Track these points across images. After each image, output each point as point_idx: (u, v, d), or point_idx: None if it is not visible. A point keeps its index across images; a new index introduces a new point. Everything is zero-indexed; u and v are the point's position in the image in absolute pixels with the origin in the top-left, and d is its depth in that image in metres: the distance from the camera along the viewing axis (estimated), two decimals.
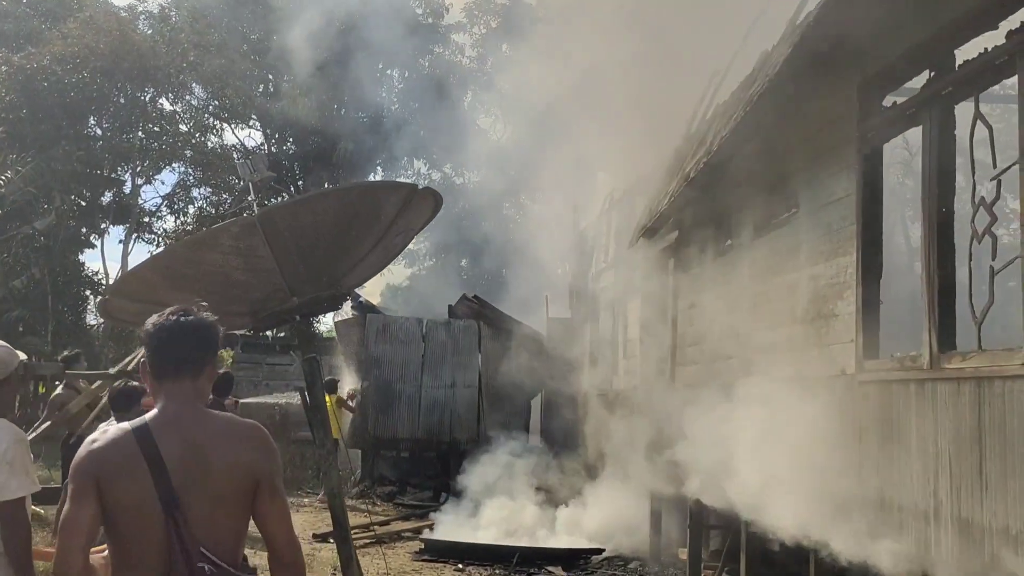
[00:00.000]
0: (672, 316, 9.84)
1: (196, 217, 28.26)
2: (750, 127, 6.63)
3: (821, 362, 6.00)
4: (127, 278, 5.18)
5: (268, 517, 2.64)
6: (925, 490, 4.76)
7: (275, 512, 2.65)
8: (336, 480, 5.50)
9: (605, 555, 10.53)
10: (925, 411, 4.77)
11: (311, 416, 5.33)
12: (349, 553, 5.46)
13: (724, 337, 7.95)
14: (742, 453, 7.22)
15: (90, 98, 24.23)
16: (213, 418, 2.71)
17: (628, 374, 12.11)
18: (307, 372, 5.35)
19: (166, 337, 2.68)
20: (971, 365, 4.40)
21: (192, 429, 2.61)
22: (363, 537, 11.16)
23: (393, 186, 5.15)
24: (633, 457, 10.90)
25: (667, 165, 9.82)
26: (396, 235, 5.41)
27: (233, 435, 2.66)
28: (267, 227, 4.65)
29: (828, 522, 5.77)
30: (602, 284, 14.57)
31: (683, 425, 8.77)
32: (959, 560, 4.48)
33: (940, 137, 4.83)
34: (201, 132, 28.47)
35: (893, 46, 5.25)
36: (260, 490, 2.62)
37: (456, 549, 10.54)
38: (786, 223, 6.85)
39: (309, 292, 5.13)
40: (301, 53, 25.17)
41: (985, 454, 4.26)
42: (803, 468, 6.05)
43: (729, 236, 8.15)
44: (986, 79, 4.52)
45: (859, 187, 5.61)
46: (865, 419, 5.40)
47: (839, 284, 5.83)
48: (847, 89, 5.73)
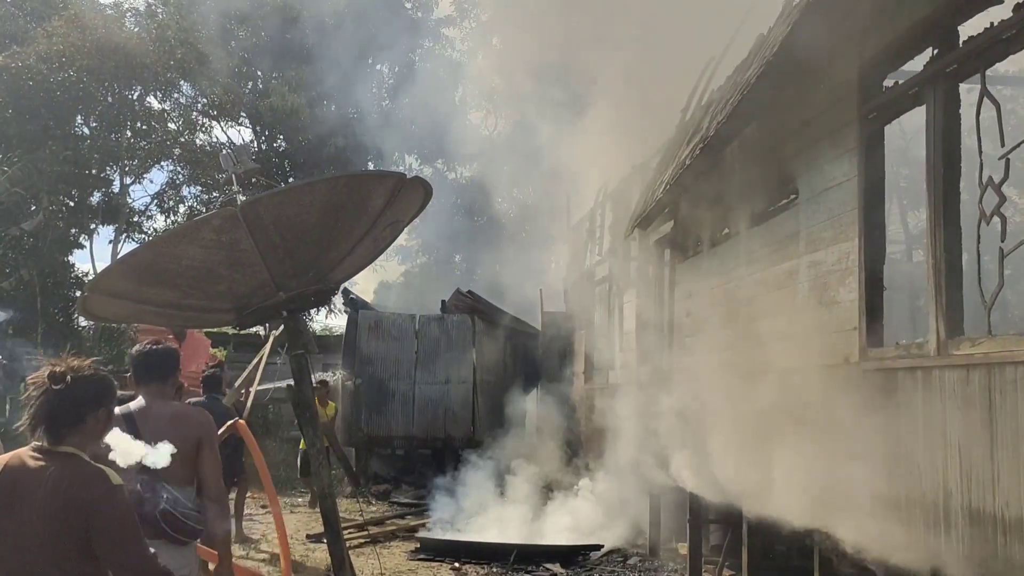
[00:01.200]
0: (669, 307, 9.69)
1: (186, 216, 28.01)
2: (747, 112, 6.48)
3: (823, 351, 5.85)
4: (106, 275, 4.98)
5: (203, 466, 4.23)
6: (934, 480, 4.62)
7: (207, 463, 4.25)
8: (327, 480, 5.34)
9: (604, 551, 10.40)
10: (933, 400, 4.62)
11: (299, 414, 5.16)
12: (341, 555, 5.30)
13: (722, 327, 7.81)
14: (743, 445, 7.09)
15: (77, 97, 23.92)
16: (171, 406, 4.41)
17: (625, 367, 11.96)
18: (295, 369, 5.16)
19: (142, 359, 4.49)
20: (981, 351, 4.26)
21: (158, 413, 4.26)
22: (357, 536, 11.01)
23: (381, 176, 4.97)
24: (631, 451, 10.77)
25: (662, 154, 9.68)
26: (385, 227, 5.23)
27: (183, 416, 4.35)
28: (251, 219, 4.45)
29: (833, 515, 5.63)
30: (597, 277, 14.42)
31: (682, 418, 8.64)
32: (970, 552, 4.34)
33: (945, 116, 4.68)
34: (190, 130, 28.17)
35: (894, 24, 5.10)
36: (200, 449, 4.22)
37: (452, 547, 10.39)
38: (785, 209, 6.71)
39: (295, 287, 4.95)
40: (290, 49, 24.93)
41: (997, 443, 4.12)
42: (806, 460, 5.91)
43: (726, 224, 8.00)
44: (993, 55, 4.36)
45: (860, 171, 5.47)
46: (870, 408, 5.26)
47: (841, 271, 5.68)
48: (847, 69, 5.58)
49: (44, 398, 2.88)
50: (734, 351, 7.49)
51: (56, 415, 2.89)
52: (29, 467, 2.84)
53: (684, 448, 8.46)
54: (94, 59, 23.44)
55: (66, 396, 2.89)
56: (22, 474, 2.83)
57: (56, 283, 24.01)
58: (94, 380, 3.00)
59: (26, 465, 2.85)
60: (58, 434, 2.89)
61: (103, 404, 3.03)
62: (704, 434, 7.90)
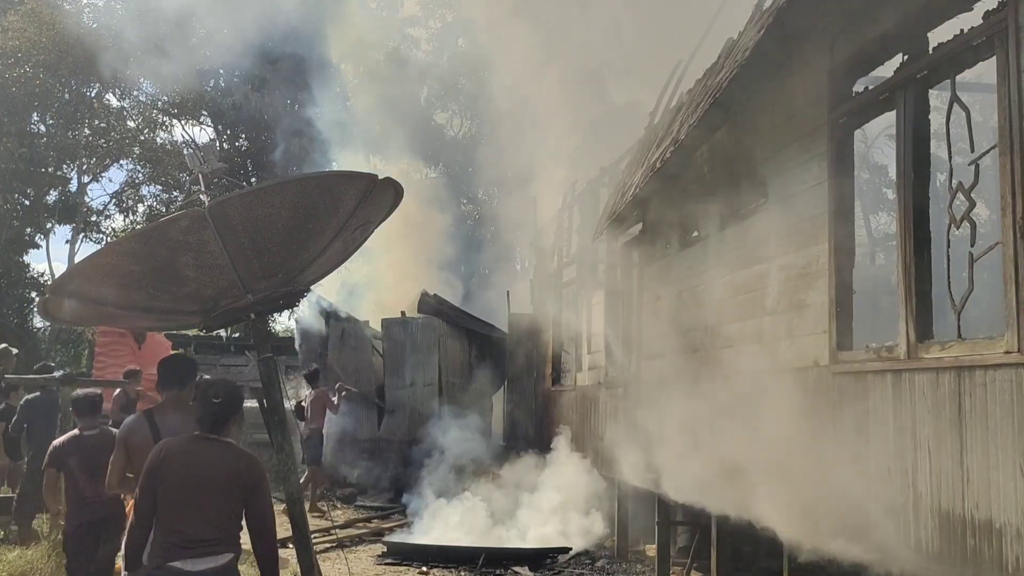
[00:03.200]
0: (637, 310, 9.71)
1: (146, 215, 27.55)
2: (717, 115, 6.50)
3: (793, 353, 5.89)
4: (69, 276, 4.85)
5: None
6: (904, 483, 4.65)
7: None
8: (296, 485, 5.25)
9: (572, 553, 10.38)
10: (903, 403, 4.66)
11: (268, 418, 5.07)
12: (310, 561, 5.22)
13: (691, 330, 7.83)
14: (711, 448, 7.12)
15: (33, 93, 23.41)
16: (189, 408, 4.72)
17: (593, 369, 11.97)
18: (263, 373, 5.08)
19: (166, 368, 5.28)
20: (951, 355, 4.30)
21: (182, 413, 4.99)
22: (324, 541, 10.88)
23: (352, 176, 4.88)
24: (599, 453, 10.77)
25: (630, 156, 9.69)
26: (356, 228, 5.16)
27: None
28: (218, 220, 4.36)
29: (803, 517, 5.66)
30: (564, 278, 14.42)
31: (649, 419, 8.66)
32: (939, 554, 4.38)
33: (915, 122, 4.73)
34: (150, 128, 27.73)
35: (864, 29, 5.14)
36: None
37: (420, 551, 10.31)
38: (754, 212, 6.73)
39: (264, 289, 4.86)
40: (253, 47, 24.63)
41: (967, 446, 4.16)
42: (776, 463, 5.93)
43: (696, 227, 8.02)
44: (962, 61, 4.41)
45: (830, 174, 5.51)
46: (839, 411, 5.29)
47: (810, 274, 5.72)
48: (817, 75, 5.62)
49: (208, 406, 4.26)
50: (703, 354, 7.51)
51: (217, 418, 4.26)
52: (201, 448, 4.22)
53: (651, 450, 8.48)
54: (51, 55, 22.99)
55: (222, 407, 4.27)
56: (198, 452, 4.21)
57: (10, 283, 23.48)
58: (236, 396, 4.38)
59: (197, 447, 4.22)
60: (218, 429, 4.26)
61: (239, 410, 4.40)
62: (672, 436, 7.92)
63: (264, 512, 4.27)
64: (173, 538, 4.10)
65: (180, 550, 4.08)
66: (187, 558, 4.07)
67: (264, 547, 4.27)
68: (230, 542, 4.20)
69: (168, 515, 4.12)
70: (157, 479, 4.16)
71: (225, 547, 4.17)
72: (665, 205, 8.56)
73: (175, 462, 4.18)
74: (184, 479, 4.14)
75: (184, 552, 4.08)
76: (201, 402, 4.31)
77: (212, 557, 4.12)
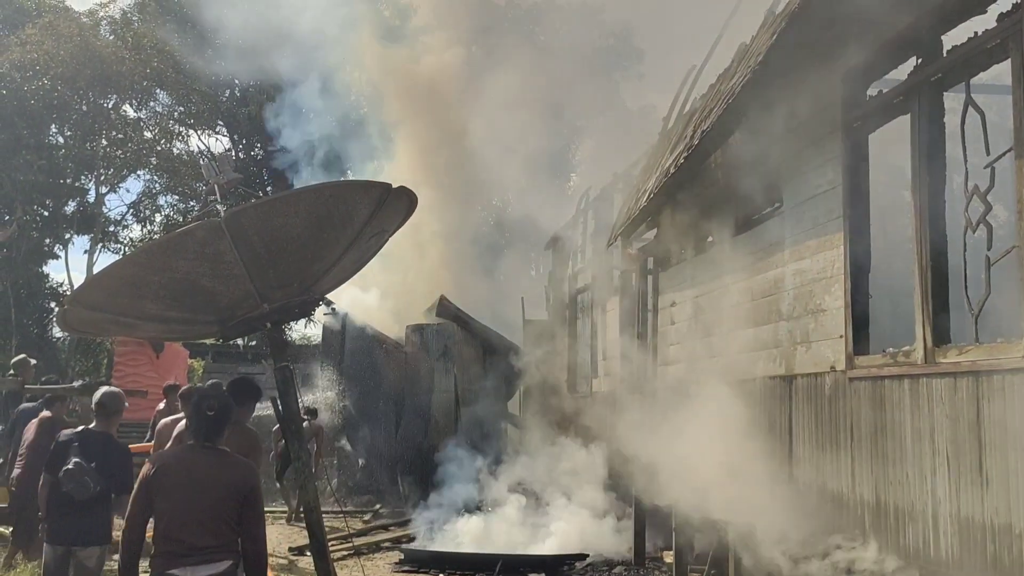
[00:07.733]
0: (652, 315, 9.68)
1: (163, 225, 27.74)
2: (731, 120, 6.49)
3: (809, 359, 5.86)
4: (87, 287, 4.91)
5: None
6: (922, 489, 4.62)
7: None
8: (313, 493, 5.27)
9: (589, 561, 10.33)
10: (920, 408, 4.63)
11: (285, 427, 5.10)
12: (327, 569, 5.23)
13: (707, 335, 7.81)
14: (728, 455, 7.08)
15: (51, 106, 23.67)
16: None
17: (608, 375, 11.94)
18: (280, 381, 5.10)
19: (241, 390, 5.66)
20: (968, 359, 4.27)
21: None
22: (341, 549, 10.90)
23: (366, 185, 4.91)
24: (616, 461, 10.73)
25: (644, 162, 9.68)
26: (370, 237, 5.18)
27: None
28: (234, 231, 4.39)
29: (821, 523, 5.63)
30: (579, 285, 14.40)
31: (666, 427, 8.62)
32: (959, 560, 4.34)
33: (930, 125, 4.71)
34: (167, 138, 27.92)
35: (878, 33, 5.12)
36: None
37: (437, 559, 10.29)
38: (769, 217, 6.72)
39: (280, 298, 4.89)
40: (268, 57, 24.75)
41: (986, 451, 4.13)
42: (793, 469, 5.91)
43: (710, 233, 8.00)
44: (976, 64, 4.39)
45: (845, 179, 5.49)
46: (856, 417, 5.27)
47: (826, 279, 5.69)
48: (831, 78, 5.60)
49: (202, 418, 4.32)
50: (718, 359, 7.48)
51: (212, 428, 4.32)
52: (198, 457, 4.29)
53: (670, 458, 8.44)
54: (69, 67, 23.21)
55: (216, 417, 4.35)
56: (195, 462, 4.27)
57: (30, 294, 23.70)
58: (229, 408, 4.48)
59: (194, 456, 4.30)
60: (213, 439, 4.33)
61: (231, 420, 4.53)
62: (689, 444, 7.88)
63: (257, 518, 4.39)
64: (172, 546, 4.17)
65: (180, 558, 4.15)
66: (187, 565, 4.15)
67: (254, 550, 4.37)
68: (229, 549, 4.28)
69: (167, 524, 4.19)
70: (154, 489, 4.22)
71: (224, 554, 4.25)
72: (679, 211, 8.55)
73: (172, 472, 4.26)
74: (182, 488, 4.22)
75: (184, 560, 4.15)
76: (195, 413, 4.37)
77: (211, 564, 4.20)
